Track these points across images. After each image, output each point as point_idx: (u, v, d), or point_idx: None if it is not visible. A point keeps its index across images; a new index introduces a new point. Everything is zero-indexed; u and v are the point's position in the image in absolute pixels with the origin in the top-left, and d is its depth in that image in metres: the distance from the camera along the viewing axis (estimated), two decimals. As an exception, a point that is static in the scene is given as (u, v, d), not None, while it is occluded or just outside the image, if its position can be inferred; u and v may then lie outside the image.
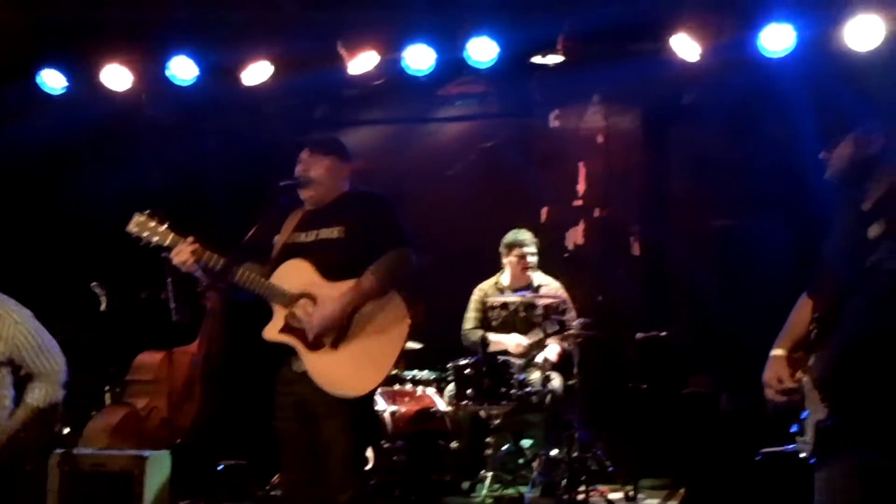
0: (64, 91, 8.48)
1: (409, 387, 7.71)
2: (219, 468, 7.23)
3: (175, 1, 7.86)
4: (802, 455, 3.99)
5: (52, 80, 8.43)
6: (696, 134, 8.83)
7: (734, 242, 8.44)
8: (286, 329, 4.86)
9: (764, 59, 7.55)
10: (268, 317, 4.93)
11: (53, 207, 8.80)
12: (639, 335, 7.66)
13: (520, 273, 7.92)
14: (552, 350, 7.69)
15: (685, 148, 8.94)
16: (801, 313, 4.19)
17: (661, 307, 8.73)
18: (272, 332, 4.89)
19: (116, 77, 8.36)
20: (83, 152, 8.83)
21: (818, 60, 7.54)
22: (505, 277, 7.98)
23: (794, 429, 4.07)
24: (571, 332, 7.51)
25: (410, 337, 4.99)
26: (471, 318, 7.99)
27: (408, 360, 7.55)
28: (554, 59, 8.16)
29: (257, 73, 8.33)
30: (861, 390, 3.76)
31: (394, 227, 4.94)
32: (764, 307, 7.94)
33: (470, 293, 8.13)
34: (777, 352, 4.18)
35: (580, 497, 7.00)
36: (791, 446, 4.10)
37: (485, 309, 7.97)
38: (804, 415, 3.96)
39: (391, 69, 8.33)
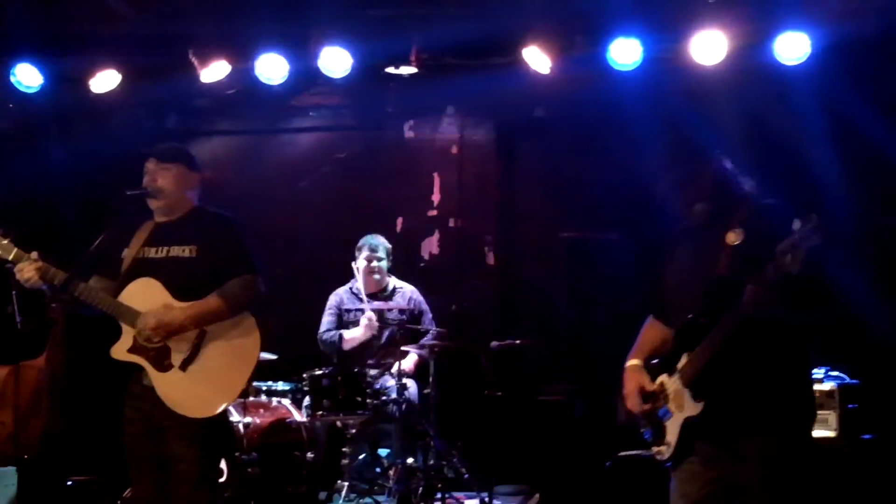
0: None
1: (263, 398, 7.64)
2: (68, 484, 7.05)
3: (18, 8, 7.66)
4: (659, 458, 4.13)
5: None
6: (546, 147, 8.99)
7: (581, 254, 8.60)
8: (135, 348, 4.81)
9: (613, 73, 7.72)
10: (117, 330, 4.85)
11: None
12: (494, 344, 7.73)
13: (369, 277, 7.92)
14: (409, 360, 7.71)
15: (535, 160, 9.10)
16: (650, 332, 4.39)
17: (514, 317, 8.85)
18: (120, 351, 4.84)
19: (-43, 85, 8.13)
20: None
21: (664, 75, 7.76)
22: (360, 283, 7.97)
23: (647, 435, 4.20)
24: (427, 339, 7.57)
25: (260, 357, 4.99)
26: (326, 321, 7.97)
27: (262, 371, 7.49)
28: (408, 70, 8.22)
29: (105, 81, 8.17)
30: (743, 382, 3.91)
31: (244, 252, 4.95)
32: (609, 316, 8.20)
33: (324, 303, 8.10)
34: (633, 362, 4.33)
35: (436, 504, 7.06)
36: (643, 452, 4.21)
37: (340, 313, 7.96)
38: (666, 417, 4.09)
39: (244, 79, 8.27)
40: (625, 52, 7.59)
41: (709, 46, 7.46)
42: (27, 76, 8.08)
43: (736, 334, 3.81)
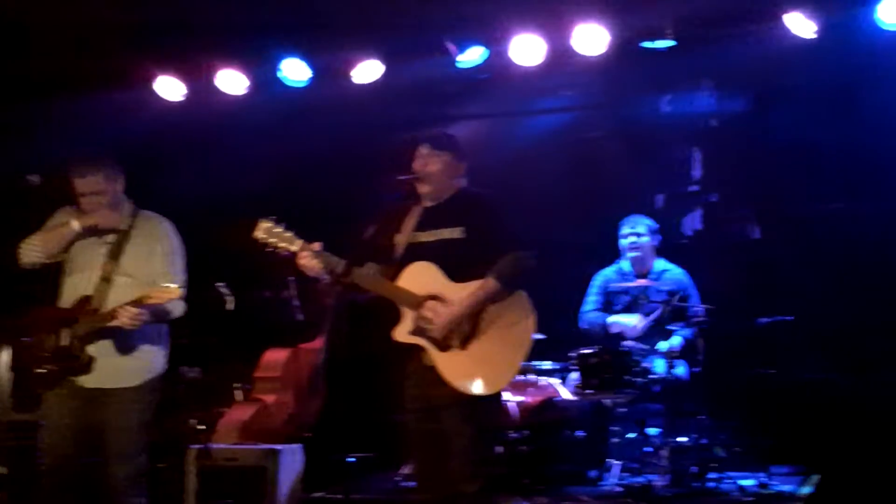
0: (181, 98, 8.66)
1: (532, 377, 7.70)
2: (348, 461, 7.29)
3: (286, 3, 7.95)
4: None
5: (169, 88, 8.60)
6: (804, 115, 8.66)
7: (842, 226, 8.27)
8: (416, 331, 4.92)
9: (877, 34, 7.40)
10: (388, 312, 4.98)
11: (172, 211, 8.95)
12: (763, 320, 7.52)
13: (632, 256, 7.86)
14: (676, 340, 7.59)
15: (793, 129, 8.78)
16: None
17: (775, 292, 8.59)
18: (402, 333, 4.98)
19: (231, 81, 8.49)
20: (196, 155, 8.96)
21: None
22: (626, 263, 7.92)
23: None
24: (695, 318, 7.44)
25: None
26: (591, 300, 7.95)
27: (531, 350, 7.55)
28: (664, 43, 8.06)
29: (367, 72, 8.40)
30: None
31: (510, 230, 5.00)
32: (870, 291, 7.87)
33: (584, 282, 8.09)
34: None
35: (710, 485, 6.94)
36: None
37: (606, 293, 7.92)
38: None
39: (498, 62, 8.34)
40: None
41: None
42: (294, 71, 8.38)
43: None
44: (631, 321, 7.69)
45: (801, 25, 7.54)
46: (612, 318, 7.73)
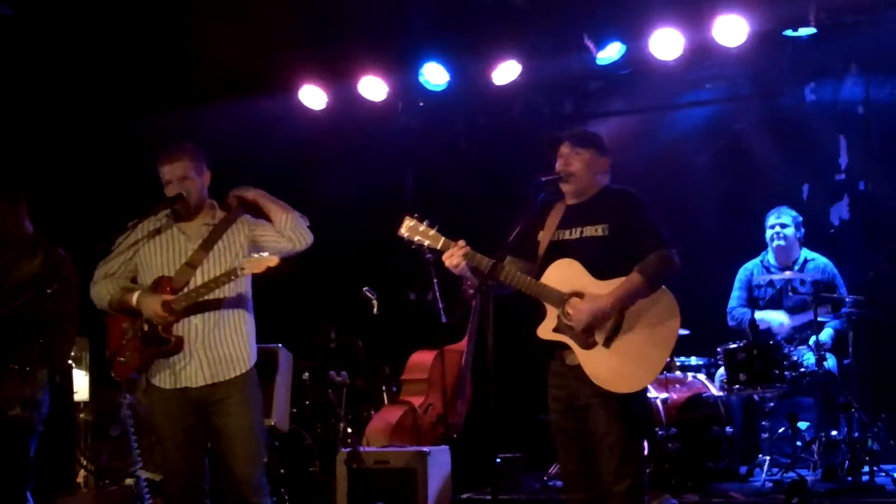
0: (324, 106, 8.85)
1: (678, 373, 7.65)
2: (496, 461, 7.34)
3: (424, 9, 8.08)
4: None
5: (313, 97, 8.80)
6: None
7: None
8: (560, 328, 4.92)
9: None
10: (532, 311, 5.00)
11: (317, 216, 9.15)
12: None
13: (775, 247, 7.74)
14: (826, 334, 7.44)
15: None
16: None
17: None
18: (546, 331, 4.96)
19: (373, 88, 8.66)
20: (342, 161, 9.13)
21: None
22: (770, 255, 7.80)
23: None
24: (844, 311, 7.27)
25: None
26: (736, 296, 7.88)
27: (677, 346, 7.50)
28: (806, 31, 7.91)
29: (506, 73, 8.45)
30: None
31: (654, 227, 4.94)
32: None
33: (730, 276, 7.99)
34: None
35: (864, 479, 6.78)
36: None
37: (749, 287, 7.81)
38: None
39: (638, 57, 8.30)
40: None
41: None
42: (434, 75, 8.49)
43: None
44: (778, 318, 7.60)
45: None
46: (759, 315, 7.62)
